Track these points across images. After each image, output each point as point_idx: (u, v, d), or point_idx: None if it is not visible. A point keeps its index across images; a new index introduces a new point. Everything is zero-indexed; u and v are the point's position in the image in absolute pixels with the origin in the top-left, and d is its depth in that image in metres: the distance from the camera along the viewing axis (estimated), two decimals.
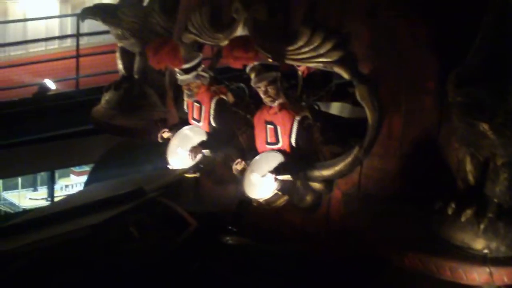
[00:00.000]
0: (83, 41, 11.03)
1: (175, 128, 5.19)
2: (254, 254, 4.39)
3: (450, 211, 3.70)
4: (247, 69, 4.52)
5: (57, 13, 13.44)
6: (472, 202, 3.67)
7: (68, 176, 15.94)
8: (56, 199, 12.82)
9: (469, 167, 3.73)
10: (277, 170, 4.31)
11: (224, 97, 4.99)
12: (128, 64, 6.68)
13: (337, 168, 4.18)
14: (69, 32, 12.56)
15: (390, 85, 4.06)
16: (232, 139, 4.99)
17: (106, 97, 6.70)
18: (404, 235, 3.84)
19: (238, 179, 4.57)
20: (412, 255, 3.65)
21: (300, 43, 4.18)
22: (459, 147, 3.77)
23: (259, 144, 4.61)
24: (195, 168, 5.03)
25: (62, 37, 12.77)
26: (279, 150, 4.44)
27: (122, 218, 4.50)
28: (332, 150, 4.38)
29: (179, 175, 5.08)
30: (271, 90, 4.41)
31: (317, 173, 4.25)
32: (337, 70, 4.16)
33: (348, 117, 5.51)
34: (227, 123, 4.98)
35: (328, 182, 4.29)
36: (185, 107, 5.24)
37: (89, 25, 9.56)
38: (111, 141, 7.24)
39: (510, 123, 3.52)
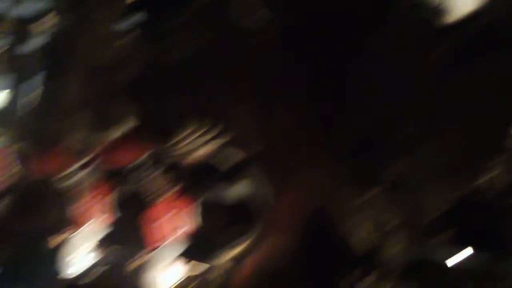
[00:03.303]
0: None
1: None
2: None
3: (352, 279, 3.76)
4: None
5: None
6: (373, 267, 3.76)
7: None
8: None
9: (364, 232, 3.83)
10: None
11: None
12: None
13: (242, 246, 4.20)
14: None
15: (282, 161, 4.23)
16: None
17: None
18: None
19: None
20: None
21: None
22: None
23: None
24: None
25: None
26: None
27: None
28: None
29: None
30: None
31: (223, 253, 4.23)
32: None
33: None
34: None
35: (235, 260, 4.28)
36: None
37: None
38: None
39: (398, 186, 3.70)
